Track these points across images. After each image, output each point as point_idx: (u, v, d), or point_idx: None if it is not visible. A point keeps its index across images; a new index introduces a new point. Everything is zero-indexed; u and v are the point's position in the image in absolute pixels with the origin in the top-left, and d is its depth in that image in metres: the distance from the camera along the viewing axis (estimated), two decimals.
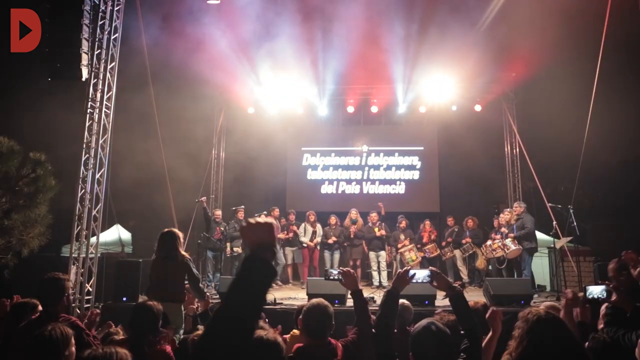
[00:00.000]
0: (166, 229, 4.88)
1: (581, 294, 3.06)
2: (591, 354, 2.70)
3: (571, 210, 8.30)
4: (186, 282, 4.78)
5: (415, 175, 12.84)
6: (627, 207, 11.69)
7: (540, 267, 9.68)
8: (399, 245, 9.81)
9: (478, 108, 12.09)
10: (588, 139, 8.88)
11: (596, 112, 8.67)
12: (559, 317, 2.13)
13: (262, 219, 1.49)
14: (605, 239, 11.45)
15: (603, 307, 3.47)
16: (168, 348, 3.26)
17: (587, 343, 2.82)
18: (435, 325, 2.32)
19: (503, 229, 8.93)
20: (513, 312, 2.77)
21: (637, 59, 7.47)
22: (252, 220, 1.50)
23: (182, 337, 4.09)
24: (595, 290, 2.90)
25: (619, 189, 12.03)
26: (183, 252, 4.79)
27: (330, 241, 9.99)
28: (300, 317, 2.78)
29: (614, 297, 3.00)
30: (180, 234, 4.87)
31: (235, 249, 9.67)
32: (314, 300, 2.81)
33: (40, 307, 3.49)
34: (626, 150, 9.68)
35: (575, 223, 8.22)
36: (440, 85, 11.43)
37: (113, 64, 7.92)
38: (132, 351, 3.15)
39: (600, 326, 3.06)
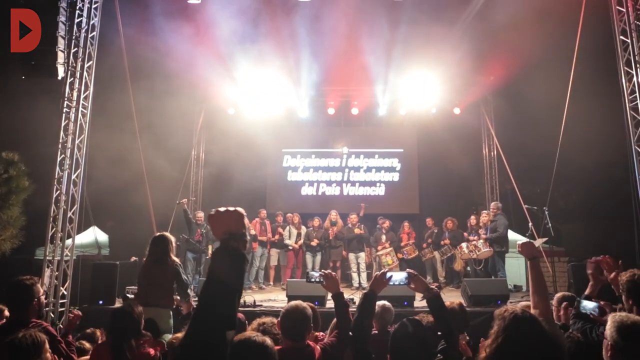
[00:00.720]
0: (158, 233, 4.82)
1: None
2: (566, 353, 2.76)
3: (546, 212, 8.46)
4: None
5: (395, 177, 12.94)
6: (600, 209, 11.99)
7: (516, 268, 9.85)
8: (379, 248, 9.87)
9: (457, 111, 12.25)
10: (563, 142, 9.09)
11: (570, 116, 8.89)
12: (535, 316, 2.17)
13: (231, 207, 1.46)
14: (578, 239, 11.74)
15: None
16: (152, 351, 3.21)
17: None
18: (412, 326, 2.33)
19: (481, 231, 9.05)
20: (490, 312, 2.81)
21: (610, 64, 7.67)
22: (221, 209, 1.47)
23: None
24: (588, 306, 2.95)
25: (592, 191, 12.33)
26: (174, 257, 4.73)
27: (313, 243, 9.99)
28: (279, 319, 2.77)
29: (587, 291, 3.09)
30: (173, 239, 4.81)
31: None
32: (293, 303, 2.80)
33: (7, 312, 3.39)
34: (599, 153, 9.94)
35: (550, 224, 8.38)
36: (420, 88, 11.54)
37: (90, 62, 7.77)
38: (115, 357, 3.08)
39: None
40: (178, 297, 4.76)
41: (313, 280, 3.00)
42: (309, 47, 10.51)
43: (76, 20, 7.43)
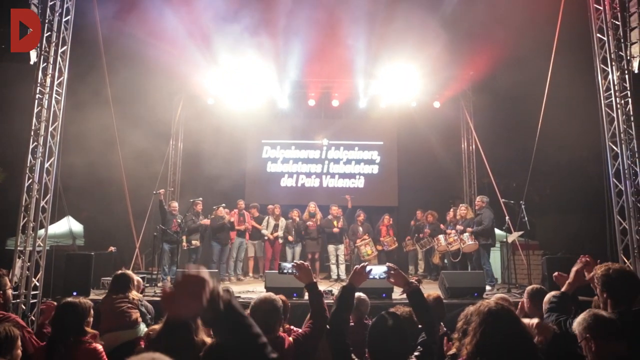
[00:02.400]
0: (120, 272, 4.75)
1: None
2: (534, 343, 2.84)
3: (522, 206, 8.59)
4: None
5: (374, 169, 12.99)
6: (572, 204, 12.27)
7: (492, 260, 10.01)
8: (358, 241, 9.90)
9: (437, 105, 12.33)
10: (539, 137, 9.25)
11: (547, 112, 9.04)
12: (509, 307, 2.21)
13: (193, 271, 1.24)
14: (552, 233, 12.01)
15: (548, 295, 3.64)
16: (98, 347, 3.08)
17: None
18: (390, 319, 2.32)
19: (458, 226, 9.13)
20: (467, 304, 2.84)
21: (587, 61, 7.82)
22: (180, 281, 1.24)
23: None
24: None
25: (566, 186, 12.60)
26: (136, 293, 4.72)
27: (290, 238, 9.99)
28: (248, 312, 2.74)
29: (564, 287, 3.15)
30: (135, 277, 4.79)
31: (193, 242, 9.49)
32: (262, 295, 2.79)
33: None
34: (574, 149, 10.16)
35: (526, 218, 8.52)
36: (400, 81, 11.56)
37: (65, 47, 7.52)
38: (50, 353, 2.95)
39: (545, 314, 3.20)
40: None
41: (285, 271, 2.98)
42: (290, 37, 10.42)
43: (49, 3, 7.17)
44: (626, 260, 6.73)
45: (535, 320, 2.88)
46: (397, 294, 7.29)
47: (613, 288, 2.73)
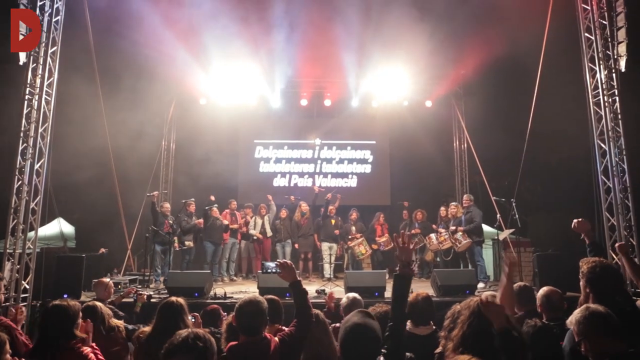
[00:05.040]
0: (91, 304, 4.54)
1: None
2: (525, 336, 2.88)
3: (513, 204, 8.66)
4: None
5: (367, 168, 13.02)
6: (563, 201, 12.37)
7: (484, 258, 10.06)
8: (349, 242, 9.90)
9: (429, 104, 12.38)
10: (530, 135, 9.32)
11: (538, 110, 9.11)
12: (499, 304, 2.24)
13: None
14: (543, 230, 12.10)
15: (543, 292, 3.67)
16: (87, 351, 2.95)
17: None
18: (365, 318, 2.29)
19: (452, 227, 9.17)
20: (459, 302, 2.86)
21: (575, 60, 7.90)
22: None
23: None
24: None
25: (556, 184, 12.70)
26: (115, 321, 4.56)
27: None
28: (233, 313, 2.73)
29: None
30: (109, 312, 4.29)
31: (187, 242, 9.46)
32: (247, 297, 2.78)
33: None
34: (564, 146, 10.24)
35: (517, 216, 8.59)
36: (392, 81, 11.60)
37: (55, 48, 7.48)
38: (37, 358, 2.83)
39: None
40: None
41: (269, 271, 3.01)
42: (282, 37, 10.41)
43: (39, 3, 7.13)
44: (614, 257, 6.81)
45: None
46: (390, 292, 7.33)
47: (597, 284, 2.74)
